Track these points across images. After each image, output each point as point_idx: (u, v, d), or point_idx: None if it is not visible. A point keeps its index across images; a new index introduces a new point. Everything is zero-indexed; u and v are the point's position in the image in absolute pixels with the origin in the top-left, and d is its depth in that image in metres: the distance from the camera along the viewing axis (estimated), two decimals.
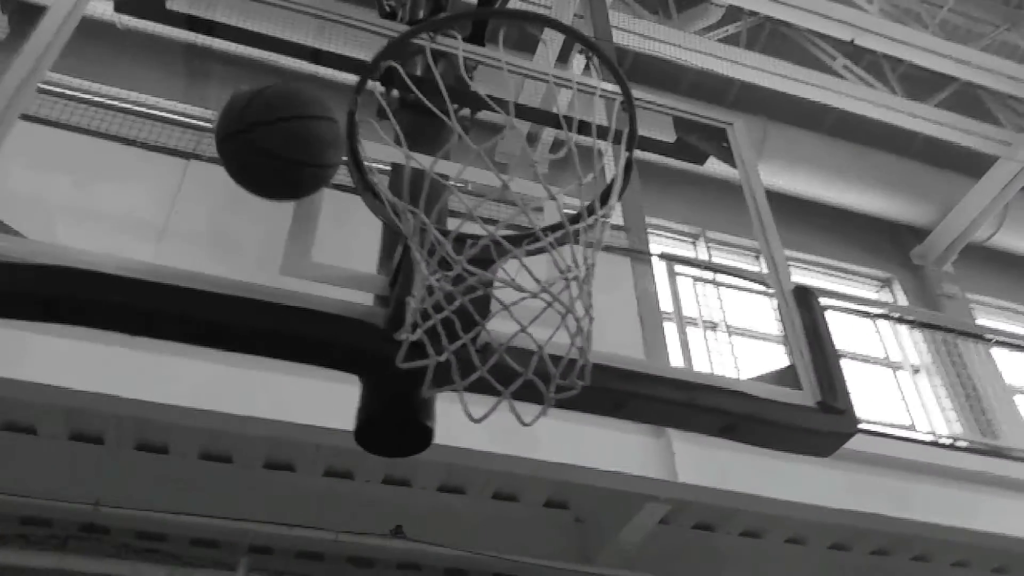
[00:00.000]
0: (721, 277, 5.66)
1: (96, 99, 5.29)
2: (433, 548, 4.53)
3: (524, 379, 1.37)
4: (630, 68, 8.01)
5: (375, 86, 1.96)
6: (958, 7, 8.84)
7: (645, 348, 4.57)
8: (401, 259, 1.64)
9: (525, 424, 1.37)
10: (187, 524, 4.27)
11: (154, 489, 4.38)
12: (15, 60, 1.79)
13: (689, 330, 5.15)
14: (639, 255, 5.13)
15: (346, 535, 4.42)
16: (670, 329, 5.06)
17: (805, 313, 2.06)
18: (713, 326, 6.51)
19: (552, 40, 6.97)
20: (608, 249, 4.94)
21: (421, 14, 2.78)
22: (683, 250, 8.25)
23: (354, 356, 1.65)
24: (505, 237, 1.60)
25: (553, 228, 1.68)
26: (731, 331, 6.43)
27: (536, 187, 1.77)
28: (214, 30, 2.80)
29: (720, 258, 8.27)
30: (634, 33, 7.34)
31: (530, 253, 1.55)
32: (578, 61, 6.79)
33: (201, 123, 5.58)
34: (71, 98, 4.79)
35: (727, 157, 2.57)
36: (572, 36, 1.78)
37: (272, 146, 1.59)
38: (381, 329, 1.67)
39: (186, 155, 4.52)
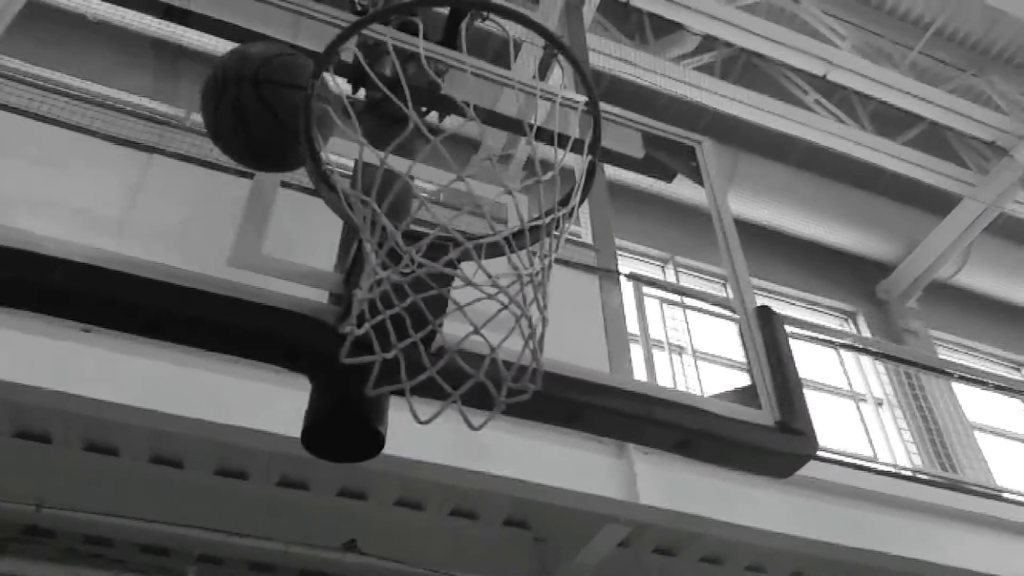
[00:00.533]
0: (689, 300, 5.66)
1: (61, 89, 5.17)
2: (387, 564, 4.43)
3: (475, 381, 1.32)
4: (605, 91, 8.06)
5: (342, 88, 1.92)
6: (928, 50, 9.03)
7: (610, 363, 4.57)
8: (355, 254, 1.59)
9: (473, 428, 1.32)
10: (134, 529, 4.14)
11: (102, 492, 4.25)
12: None
13: (655, 353, 5.14)
14: (607, 273, 5.14)
15: (298, 547, 4.32)
16: (637, 350, 5.06)
17: (767, 332, 2.05)
18: (680, 350, 6.51)
19: (529, 54, 7.00)
20: (576, 267, 4.94)
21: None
22: (652, 274, 8.28)
23: (302, 353, 1.60)
24: (463, 237, 1.56)
25: (515, 233, 1.64)
26: (697, 355, 6.44)
27: (498, 191, 1.73)
28: (189, 20, 2.75)
29: (689, 283, 8.31)
30: (610, 56, 7.39)
31: (489, 255, 1.51)
32: (556, 77, 6.82)
33: (165, 119, 5.48)
34: (36, 86, 4.68)
35: (695, 175, 2.56)
36: (533, 28, 1.75)
37: (279, 109, 1.60)
38: (332, 327, 1.61)
39: (150, 149, 4.43)
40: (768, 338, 2.03)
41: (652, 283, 5.30)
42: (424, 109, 2.56)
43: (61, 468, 4.27)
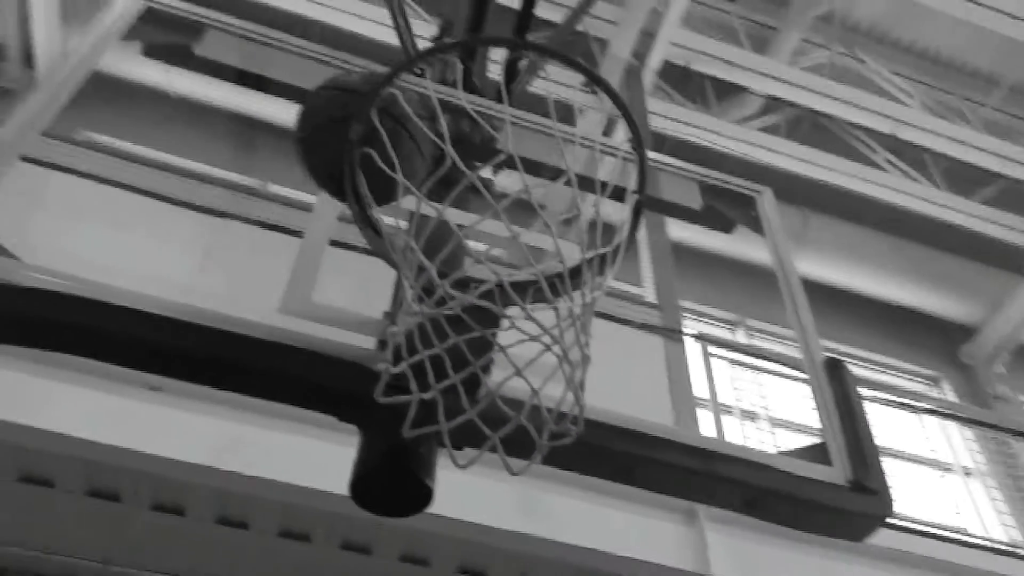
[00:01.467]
0: (759, 362, 5.48)
1: (141, 158, 5.42)
2: None
3: (515, 424, 1.27)
4: (668, 154, 8.05)
5: None
6: (1001, 105, 8.78)
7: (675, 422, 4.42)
8: (396, 294, 1.57)
9: (513, 473, 1.26)
10: None
11: (167, 551, 4.27)
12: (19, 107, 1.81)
13: (725, 416, 4.98)
14: (671, 333, 5.02)
15: None
16: (705, 415, 4.90)
17: (836, 384, 1.94)
18: (752, 416, 6.30)
19: (595, 117, 7.06)
20: (640, 327, 4.86)
21: (448, 75, 2.79)
22: (722, 335, 8.09)
23: (347, 401, 1.57)
24: (511, 283, 1.53)
25: (559, 276, 1.60)
26: (769, 418, 6.22)
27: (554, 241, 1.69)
28: (264, 85, 2.82)
29: (761, 346, 8.09)
30: (671, 119, 7.39)
31: (535, 299, 1.47)
32: (621, 136, 6.85)
33: (239, 187, 5.68)
34: (117, 155, 4.91)
35: (755, 225, 2.48)
36: (573, 67, 1.74)
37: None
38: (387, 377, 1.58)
39: (222, 215, 4.56)
40: (838, 391, 1.92)
41: (719, 343, 5.16)
42: (478, 164, 2.57)
43: (128, 526, 4.31)
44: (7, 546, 3.89)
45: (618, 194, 2.35)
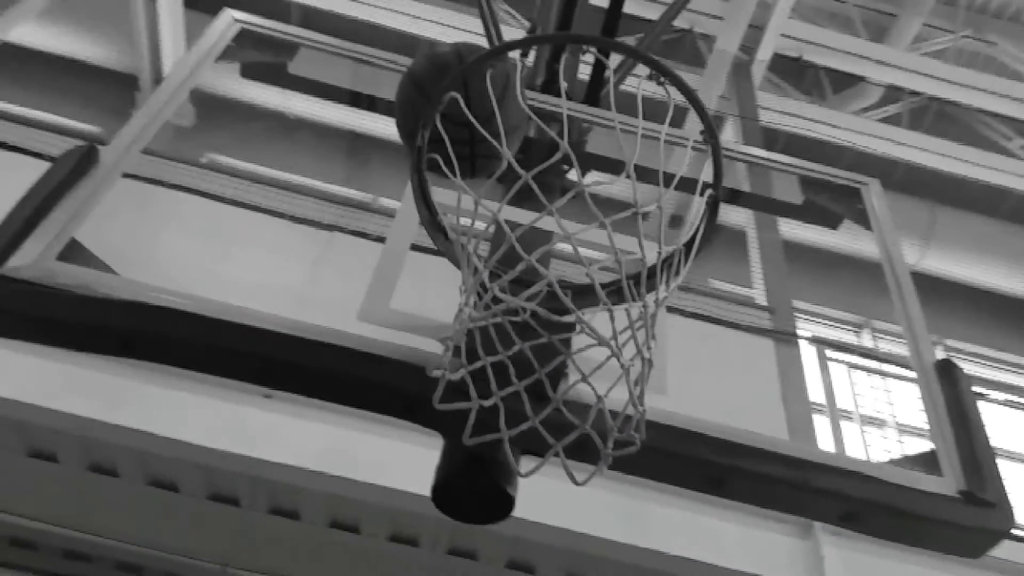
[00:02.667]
0: (880, 366, 5.18)
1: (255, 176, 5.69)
2: None
3: (580, 432, 1.23)
4: (782, 149, 7.75)
5: None
6: None
7: (789, 433, 4.24)
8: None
9: (578, 483, 1.22)
10: None
11: (282, 554, 4.42)
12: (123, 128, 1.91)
13: (847, 425, 4.74)
14: (784, 336, 4.82)
15: None
16: (823, 422, 4.68)
17: (948, 388, 1.79)
18: (879, 422, 5.95)
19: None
20: (749, 330, 4.67)
21: (536, 80, 2.77)
22: (845, 339, 7.70)
23: (428, 407, 1.56)
24: (583, 287, 1.49)
25: (633, 278, 1.54)
26: (900, 428, 5.86)
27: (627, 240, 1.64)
28: (375, 106, 2.88)
29: (888, 349, 7.66)
30: (786, 113, 7.12)
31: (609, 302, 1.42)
32: (728, 135, 6.64)
33: (352, 202, 5.89)
34: (234, 175, 5.18)
35: (862, 219, 2.34)
36: (632, 55, 1.67)
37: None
38: (455, 382, 1.57)
39: (330, 228, 4.74)
40: (949, 395, 1.77)
41: (836, 346, 4.91)
42: (566, 168, 2.54)
43: (246, 530, 4.50)
44: (138, 546, 4.13)
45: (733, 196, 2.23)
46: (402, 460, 3.84)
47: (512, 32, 5.24)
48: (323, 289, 4.18)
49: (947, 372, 1.84)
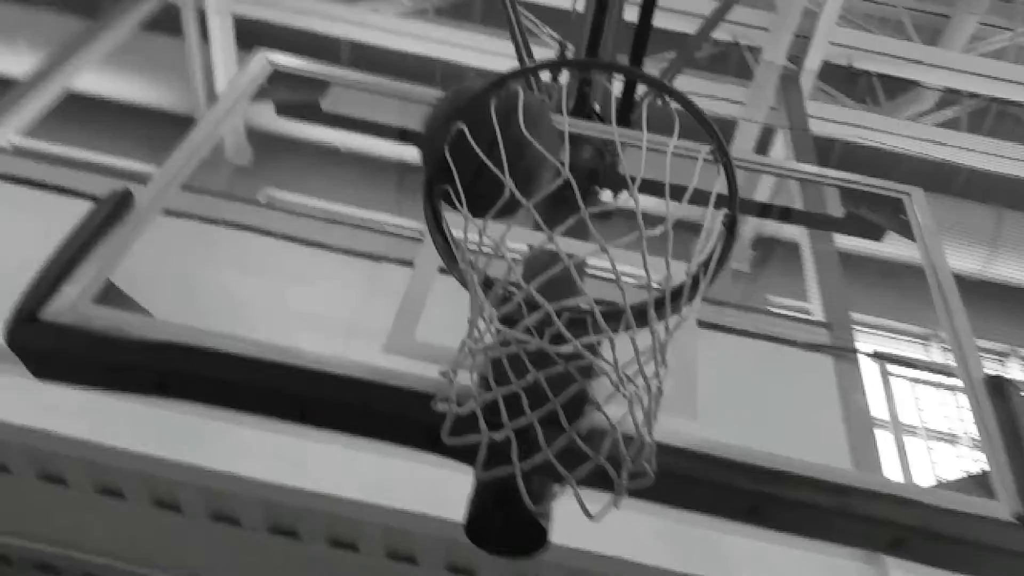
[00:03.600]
0: (945, 380, 4.98)
1: (307, 211, 5.82)
2: None
3: (593, 464, 1.20)
4: (838, 159, 7.59)
5: None
6: None
7: (851, 453, 4.10)
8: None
9: (591, 518, 1.19)
10: None
11: None
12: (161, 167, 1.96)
13: (908, 439, 4.56)
14: (843, 352, 4.67)
15: None
16: (886, 438, 4.52)
17: (999, 405, 1.70)
18: (952, 438, 5.73)
19: (748, 126, 6.79)
20: (806, 346, 4.55)
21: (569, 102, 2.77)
22: (912, 353, 7.45)
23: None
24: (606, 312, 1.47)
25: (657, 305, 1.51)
26: (974, 443, 5.62)
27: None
28: (406, 137, 2.93)
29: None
30: (837, 122, 6.97)
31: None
32: (778, 151, 6.53)
33: (401, 231, 5.95)
34: (284, 210, 5.29)
35: (905, 230, 2.26)
36: (630, 75, 1.65)
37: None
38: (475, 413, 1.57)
39: (379, 258, 4.79)
40: (1002, 413, 1.69)
41: (898, 361, 4.74)
42: (597, 189, 2.52)
43: (305, 561, 4.54)
44: None
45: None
46: (460, 491, 3.84)
47: (544, 52, 5.25)
48: (372, 319, 4.22)
49: (999, 388, 1.76)
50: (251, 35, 7.68)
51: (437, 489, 3.88)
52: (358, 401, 1.57)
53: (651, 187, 1.71)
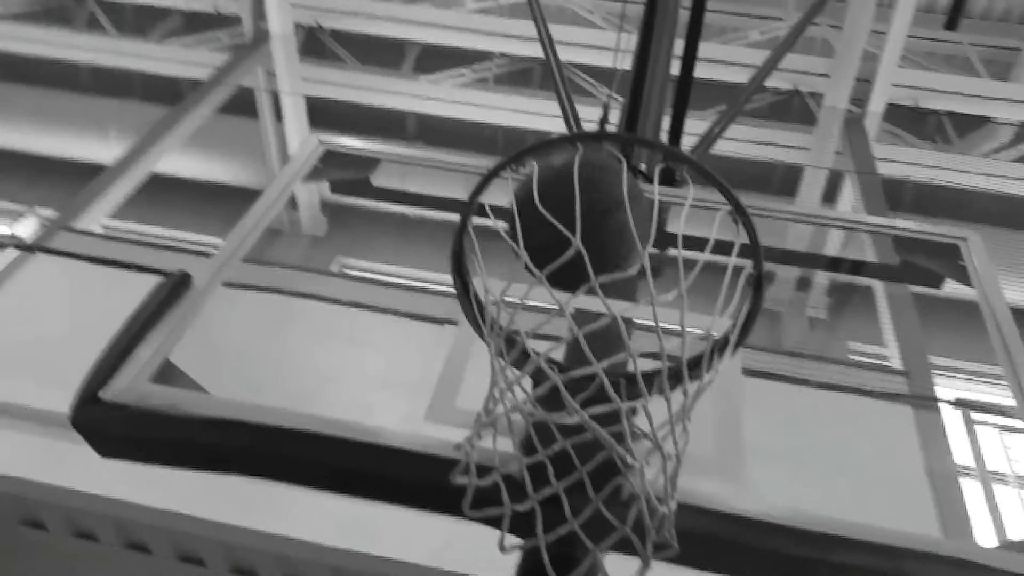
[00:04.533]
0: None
1: (375, 276, 5.97)
2: None
3: (619, 536, 1.20)
4: (911, 201, 7.38)
5: None
6: None
7: (937, 509, 3.89)
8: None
9: None
10: None
11: None
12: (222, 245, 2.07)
13: (1003, 489, 4.30)
14: (923, 401, 4.48)
15: None
16: (973, 486, 4.27)
17: None
18: None
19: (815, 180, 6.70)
20: (882, 396, 4.38)
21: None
22: (1000, 398, 7.06)
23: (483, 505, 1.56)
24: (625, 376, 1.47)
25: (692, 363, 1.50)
26: None
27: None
28: (453, 207, 3.03)
29: None
30: (907, 163, 6.80)
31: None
32: (846, 202, 6.40)
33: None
34: (351, 278, 5.45)
35: (962, 276, 2.19)
36: (646, 146, 1.66)
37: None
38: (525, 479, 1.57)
39: (443, 321, 4.87)
40: None
41: (983, 408, 4.51)
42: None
43: None
44: None
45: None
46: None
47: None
48: (431, 381, 4.28)
49: None
50: (321, 113, 8.04)
51: (491, 551, 3.87)
52: (395, 471, 1.60)
53: (696, 243, 1.71)
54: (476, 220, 1.76)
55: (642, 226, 1.50)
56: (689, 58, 2.70)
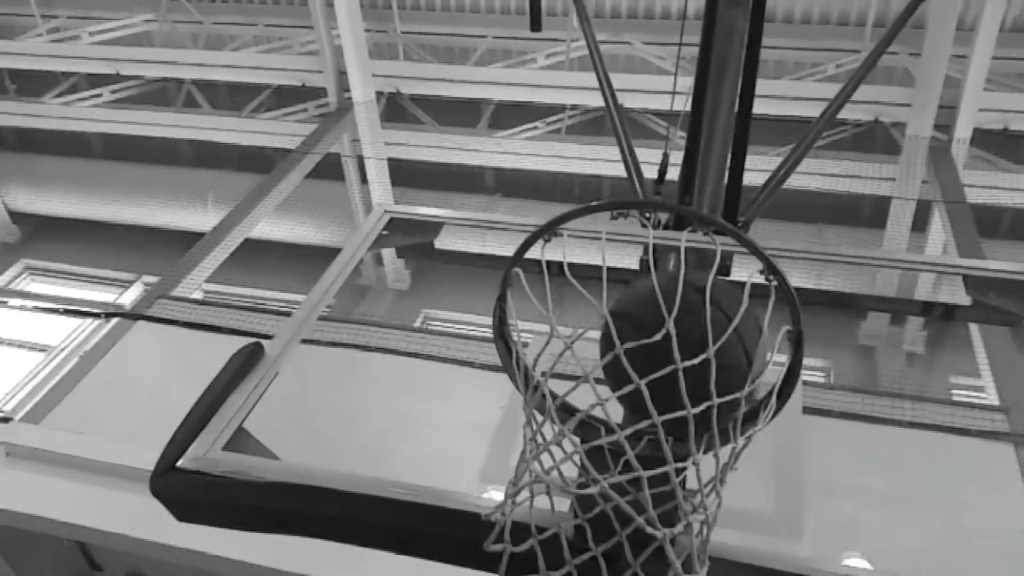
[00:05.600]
0: None
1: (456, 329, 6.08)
2: None
3: None
4: (1008, 227, 7.05)
5: None
6: None
7: None
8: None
9: None
10: None
11: None
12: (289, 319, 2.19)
13: None
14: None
15: None
16: None
17: None
18: None
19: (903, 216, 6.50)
20: (979, 435, 4.17)
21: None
22: None
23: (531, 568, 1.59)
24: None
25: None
26: None
27: None
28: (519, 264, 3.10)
29: None
30: (999, 188, 6.53)
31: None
32: (936, 230, 6.18)
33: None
34: (421, 331, 5.58)
35: None
36: (668, 211, 1.68)
37: None
38: (572, 541, 1.59)
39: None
40: None
41: None
42: None
43: None
44: None
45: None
46: None
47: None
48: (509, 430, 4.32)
49: None
50: (404, 173, 8.33)
51: None
52: (446, 531, 1.64)
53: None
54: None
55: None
56: (747, 98, 2.69)
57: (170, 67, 9.32)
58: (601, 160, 7.34)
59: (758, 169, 6.07)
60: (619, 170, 7.25)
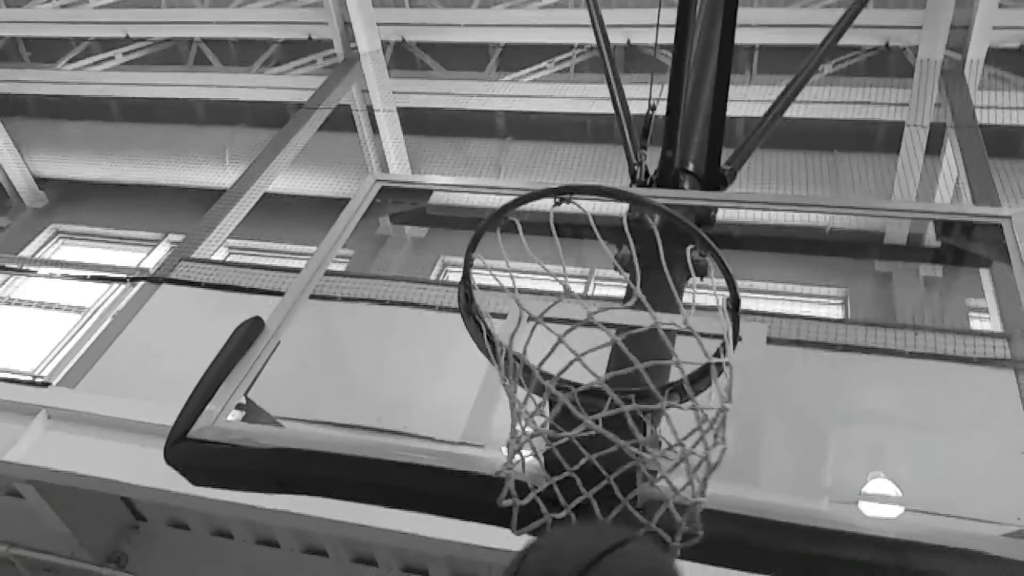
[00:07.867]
0: None
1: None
2: None
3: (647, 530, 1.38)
4: None
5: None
6: None
7: None
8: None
9: None
10: None
11: None
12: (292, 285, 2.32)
13: None
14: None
15: None
16: None
17: None
18: None
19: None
20: (981, 363, 4.22)
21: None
22: None
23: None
24: (639, 394, 1.60)
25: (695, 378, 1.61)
26: None
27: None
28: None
29: None
30: (1014, 108, 6.42)
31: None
32: (951, 153, 6.12)
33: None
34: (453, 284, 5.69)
35: (1005, 257, 2.16)
36: (630, 200, 1.76)
37: None
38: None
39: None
40: None
41: None
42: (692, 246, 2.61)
43: None
44: None
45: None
46: None
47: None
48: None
49: None
50: (414, 120, 8.35)
51: None
52: (435, 487, 1.80)
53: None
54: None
55: None
56: (726, 52, 2.73)
57: (178, 27, 9.36)
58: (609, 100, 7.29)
59: (764, 100, 6.00)
60: (631, 108, 7.21)
